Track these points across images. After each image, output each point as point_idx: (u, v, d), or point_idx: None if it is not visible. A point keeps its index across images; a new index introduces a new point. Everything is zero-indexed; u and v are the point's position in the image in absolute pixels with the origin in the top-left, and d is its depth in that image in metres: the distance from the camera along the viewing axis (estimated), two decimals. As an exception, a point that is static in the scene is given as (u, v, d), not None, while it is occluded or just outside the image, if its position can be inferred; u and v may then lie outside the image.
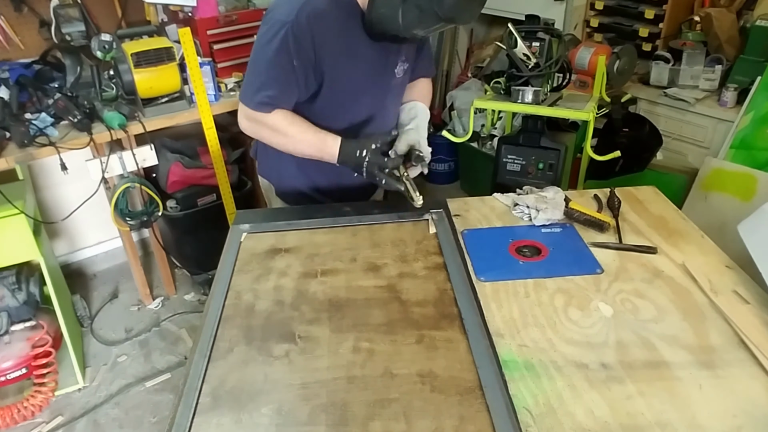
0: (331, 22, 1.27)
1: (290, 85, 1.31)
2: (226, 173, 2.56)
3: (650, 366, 0.98)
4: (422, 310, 1.11)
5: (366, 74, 1.38)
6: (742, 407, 0.90)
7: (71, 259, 3.01)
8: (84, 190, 2.19)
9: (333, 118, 1.42)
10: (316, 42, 1.26)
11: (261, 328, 1.09)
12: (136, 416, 2.17)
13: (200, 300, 2.79)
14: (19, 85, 2.22)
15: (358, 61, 1.35)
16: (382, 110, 1.50)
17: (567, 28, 2.96)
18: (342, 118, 1.43)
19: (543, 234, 1.37)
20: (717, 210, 2.25)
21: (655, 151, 2.51)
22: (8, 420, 2.08)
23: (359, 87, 1.40)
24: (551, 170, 2.26)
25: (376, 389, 0.94)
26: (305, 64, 1.28)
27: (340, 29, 1.29)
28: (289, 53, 1.26)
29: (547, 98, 2.20)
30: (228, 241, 1.36)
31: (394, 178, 1.34)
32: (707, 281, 1.17)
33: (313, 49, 1.27)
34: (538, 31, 2.03)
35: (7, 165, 2.01)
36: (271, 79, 1.30)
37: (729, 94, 2.41)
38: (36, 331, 2.16)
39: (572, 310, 1.12)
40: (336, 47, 1.30)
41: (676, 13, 2.71)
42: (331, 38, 1.28)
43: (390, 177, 1.33)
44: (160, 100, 2.30)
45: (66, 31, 2.44)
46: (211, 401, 0.93)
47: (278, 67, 1.28)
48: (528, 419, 0.89)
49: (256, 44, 1.32)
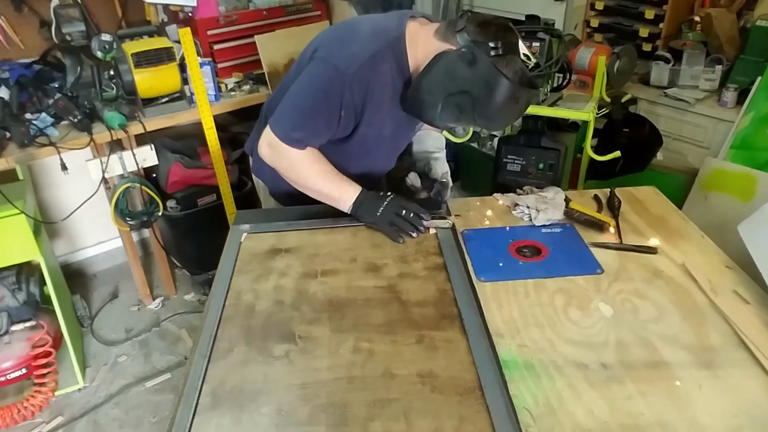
0: (386, 80, 1.26)
1: (328, 129, 1.30)
2: (226, 173, 2.56)
3: (650, 366, 0.98)
4: (422, 310, 1.11)
5: (394, 129, 1.40)
6: (742, 407, 0.90)
7: (71, 259, 3.01)
8: (84, 190, 2.19)
9: (354, 158, 1.43)
10: (367, 97, 1.25)
11: (261, 328, 1.09)
12: (136, 416, 2.17)
13: (200, 300, 2.79)
14: (20, 85, 2.22)
15: (391, 117, 1.35)
16: (398, 150, 1.55)
17: (567, 29, 2.96)
18: (361, 163, 1.45)
19: (543, 234, 1.37)
20: (717, 210, 2.24)
21: (655, 151, 2.50)
22: (8, 420, 2.08)
23: (385, 139, 1.41)
24: (551, 170, 2.26)
25: (376, 389, 0.94)
26: (349, 115, 1.27)
27: (391, 87, 1.29)
28: (339, 105, 1.24)
29: (547, 98, 2.20)
30: (228, 241, 1.36)
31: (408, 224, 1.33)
32: (707, 281, 1.17)
33: (363, 103, 1.26)
34: (538, 31, 2.04)
35: (8, 165, 2.02)
36: (313, 123, 1.28)
37: (729, 95, 2.41)
38: (36, 331, 2.16)
39: (572, 310, 1.12)
40: (380, 101, 1.29)
41: (676, 13, 2.71)
42: (380, 93, 1.27)
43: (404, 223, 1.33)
44: (160, 100, 2.30)
45: (66, 31, 2.44)
46: (211, 401, 0.93)
47: (324, 114, 1.26)
48: (528, 419, 0.88)
49: (307, 82, 1.28)
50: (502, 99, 1.15)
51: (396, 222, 1.32)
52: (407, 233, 1.32)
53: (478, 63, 1.14)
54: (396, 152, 1.57)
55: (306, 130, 1.28)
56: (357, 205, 1.34)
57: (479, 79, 1.15)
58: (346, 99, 1.23)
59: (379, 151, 1.47)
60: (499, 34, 1.15)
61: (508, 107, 1.18)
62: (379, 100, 1.28)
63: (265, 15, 2.59)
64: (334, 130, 1.30)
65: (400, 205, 1.34)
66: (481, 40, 1.15)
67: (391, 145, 1.50)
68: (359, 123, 1.31)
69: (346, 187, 1.35)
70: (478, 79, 1.15)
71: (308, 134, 1.29)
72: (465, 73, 1.16)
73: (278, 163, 1.36)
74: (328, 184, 1.35)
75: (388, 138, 1.42)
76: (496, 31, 1.16)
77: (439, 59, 1.19)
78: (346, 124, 1.30)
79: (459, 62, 1.16)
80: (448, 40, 1.20)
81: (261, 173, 1.62)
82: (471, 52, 1.15)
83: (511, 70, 1.15)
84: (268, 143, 1.33)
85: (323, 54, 1.27)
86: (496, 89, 1.14)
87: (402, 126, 1.42)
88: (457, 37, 1.18)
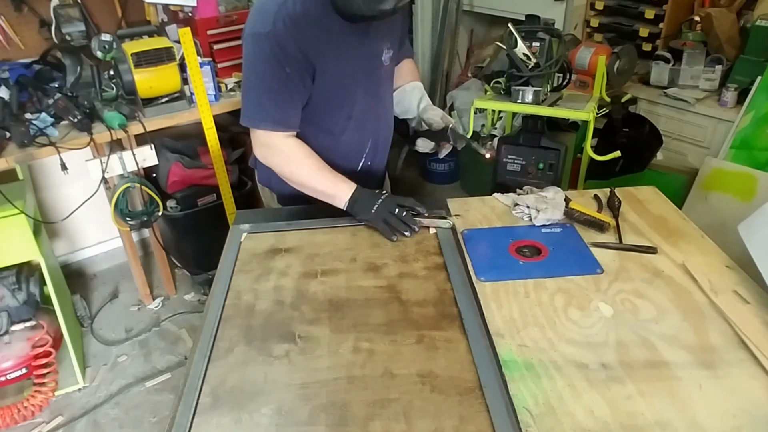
0: (308, 21, 1.25)
1: (290, 93, 1.30)
2: (226, 173, 2.56)
3: (650, 366, 0.98)
4: (422, 310, 1.11)
5: (354, 65, 1.37)
6: (742, 407, 0.90)
7: (71, 259, 3.01)
8: (84, 190, 2.19)
9: (331, 115, 1.42)
10: (299, 44, 1.24)
11: (261, 328, 1.09)
12: (136, 416, 2.17)
13: (200, 300, 2.79)
14: (19, 85, 2.22)
15: (343, 52, 1.33)
16: (377, 101, 1.49)
17: (567, 28, 2.96)
18: (339, 113, 1.43)
19: (543, 234, 1.37)
20: (717, 210, 2.24)
21: (655, 151, 2.51)
22: (8, 420, 2.08)
23: (349, 79, 1.38)
24: (551, 170, 2.26)
25: (376, 389, 0.94)
26: (297, 67, 1.27)
27: (318, 26, 1.27)
28: (279, 62, 1.24)
29: (547, 98, 2.19)
30: (228, 241, 1.36)
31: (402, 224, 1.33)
32: (707, 281, 1.17)
33: (300, 51, 1.25)
34: (538, 31, 2.03)
35: (7, 165, 2.01)
36: (273, 95, 1.29)
37: (729, 94, 2.41)
38: (36, 331, 2.16)
39: (572, 310, 1.12)
40: (319, 44, 1.28)
41: (676, 13, 2.71)
42: (312, 36, 1.26)
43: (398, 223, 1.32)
44: (160, 100, 2.30)
45: (66, 31, 2.44)
46: (211, 401, 0.93)
47: (273, 78, 1.27)
48: (528, 419, 0.88)
49: (245, 66, 1.30)
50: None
51: (390, 221, 1.32)
52: (401, 232, 1.33)
53: None
54: (376, 90, 1.48)
55: (273, 106, 1.29)
56: (352, 201, 1.34)
57: None
58: (281, 55, 1.23)
59: (356, 91, 1.41)
60: None
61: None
62: (315, 40, 1.26)
63: (265, 15, 2.59)
64: (298, 91, 1.30)
65: (395, 203, 1.34)
66: None
67: (366, 84, 1.43)
68: (315, 71, 1.29)
69: (341, 184, 1.35)
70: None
71: (277, 109, 1.30)
72: None
73: (273, 160, 1.38)
74: (323, 180, 1.35)
75: (356, 73, 1.38)
76: None
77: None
78: (302, 79, 1.29)
79: None
80: None
81: (267, 181, 1.61)
82: None
83: None
84: (258, 142, 1.35)
85: (244, 33, 1.28)
86: None
87: (363, 56, 1.38)
88: None
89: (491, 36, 3.79)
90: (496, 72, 2.26)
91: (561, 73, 2.34)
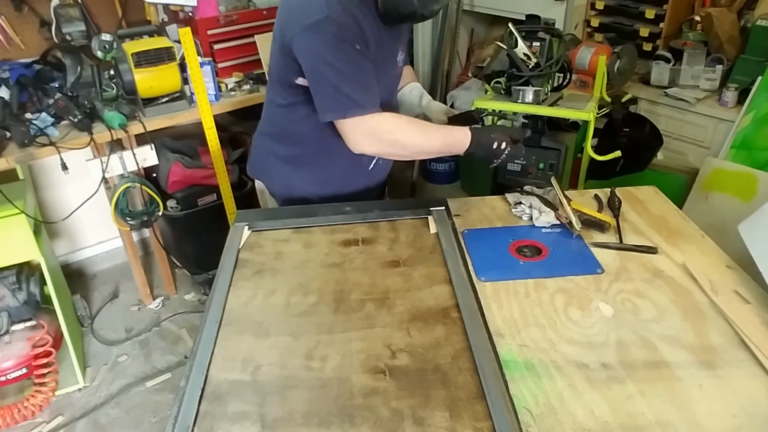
0: (354, 9, 1.22)
1: (367, 70, 1.24)
2: (226, 173, 2.56)
3: (651, 366, 0.98)
4: (422, 309, 1.11)
5: (379, 62, 1.33)
6: (743, 407, 0.90)
7: (71, 259, 3.01)
8: (84, 190, 2.19)
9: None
10: (357, 21, 1.21)
11: (262, 328, 1.08)
12: (136, 416, 2.17)
13: (201, 300, 2.79)
14: (20, 84, 2.22)
15: (374, 47, 1.29)
16: (391, 100, 1.49)
17: (567, 28, 2.96)
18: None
19: (543, 234, 1.37)
20: (717, 210, 2.24)
21: (655, 151, 2.50)
22: (8, 420, 2.08)
23: (380, 71, 1.34)
24: (552, 170, 2.25)
25: (376, 390, 0.94)
26: (363, 44, 1.22)
27: (362, 15, 1.24)
28: (346, 42, 1.19)
29: (547, 98, 2.19)
30: (228, 241, 1.36)
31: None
32: (708, 281, 1.17)
33: (360, 28, 1.21)
34: (538, 30, 2.03)
35: (8, 165, 2.01)
36: (348, 79, 1.21)
37: (730, 94, 2.41)
38: (36, 330, 2.16)
39: (573, 310, 1.12)
40: (365, 20, 1.24)
41: (677, 12, 2.71)
42: (358, 13, 1.23)
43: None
44: (160, 99, 2.30)
45: (66, 31, 2.44)
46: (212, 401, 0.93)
47: (345, 63, 1.20)
48: (528, 419, 0.88)
49: (311, 59, 1.22)
50: None
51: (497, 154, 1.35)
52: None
53: None
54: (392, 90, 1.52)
55: (354, 91, 1.22)
56: (474, 145, 1.33)
57: None
58: (348, 33, 1.18)
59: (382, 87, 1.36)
60: None
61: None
62: (364, 20, 1.23)
63: (266, 15, 2.59)
64: (372, 68, 1.25)
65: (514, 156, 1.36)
66: None
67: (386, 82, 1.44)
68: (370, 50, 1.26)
69: (455, 131, 1.33)
70: None
71: (360, 92, 1.22)
72: None
73: (381, 148, 1.32)
74: (437, 133, 1.32)
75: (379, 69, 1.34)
76: None
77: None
78: (369, 56, 1.24)
79: None
80: None
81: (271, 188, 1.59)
82: None
83: None
84: (364, 133, 1.27)
85: (298, 27, 1.20)
86: None
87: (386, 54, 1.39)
88: None
89: (491, 36, 3.79)
90: (497, 72, 2.26)
91: (561, 73, 2.33)
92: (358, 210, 1.44)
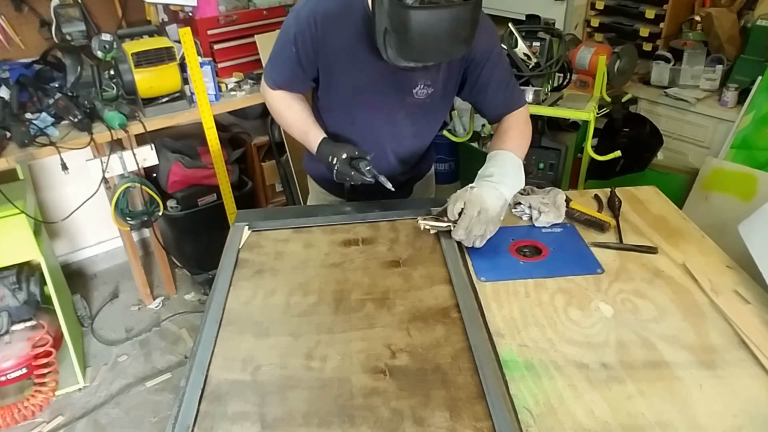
0: (340, 25, 1.29)
1: (293, 69, 1.39)
2: (226, 173, 2.56)
3: (651, 366, 0.98)
4: (422, 309, 1.11)
5: (368, 81, 1.37)
6: (743, 407, 0.90)
7: (71, 258, 3.01)
8: (84, 190, 2.19)
9: (337, 113, 1.48)
10: (317, 41, 1.31)
11: (262, 328, 1.08)
12: (136, 416, 2.17)
13: (200, 300, 2.79)
14: (20, 84, 2.22)
15: (359, 65, 1.34)
16: (392, 123, 1.46)
17: (567, 28, 2.96)
18: (344, 116, 1.46)
19: (543, 234, 1.36)
20: (717, 210, 2.24)
21: (655, 151, 2.51)
22: (8, 420, 2.08)
23: (360, 91, 1.40)
24: (552, 170, 2.26)
25: (375, 390, 0.94)
26: (306, 55, 1.35)
27: (348, 32, 1.29)
28: (292, 41, 1.33)
29: (547, 98, 2.20)
30: (228, 241, 1.36)
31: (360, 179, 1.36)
32: (708, 281, 1.17)
33: (312, 46, 1.32)
34: (538, 30, 2.04)
35: (8, 165, 2.02)
36: (279, 61, 1.42)
37: (729, 94, 2.41)
38: (36, 330, 2.16)
39: (573, 310, 1.12)
40: (338, 48, 1.32)
41: (677, 12, 2.72)
42: (335, 40, 1.30)
43: (357, 178, 1.35)
44: (160, 99, 2.30)
45: (66, 31, 2.44)
46: (212, 401, 0.93)
47: (284, 52, 1.38)
48: (528, 419, 0.88)
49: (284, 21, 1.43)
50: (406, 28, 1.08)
51: (347, 180, 1.38)
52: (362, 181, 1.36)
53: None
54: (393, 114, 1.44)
55: (274, 68, 1.44)
56: (318, 155, 1.41)
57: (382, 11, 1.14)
58: (298, 35, 1.32)
59: (365, 104, 1.42)
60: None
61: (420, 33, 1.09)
62: (337, 44, 1.31)
63: (266, 14, 2.59)
64: (302, 71, 1.38)
65: (346, 175, 1.36)
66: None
67: (381, 103, 1.41)
68: (322, 68, 1.38)
69: (310, 134, 1.43)
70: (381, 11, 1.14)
71: (277, 72, 1.44)
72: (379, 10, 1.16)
73: (266, 101, 1.53)
74: (300, 125, 1.46)
75: (369, 89, 1.38)
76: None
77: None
78: (308, 65, 1.37)
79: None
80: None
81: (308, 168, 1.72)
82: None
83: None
84: (262, 87, 1.52)
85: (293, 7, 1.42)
86: (396, 19, 1.09)
87: (386, 77, 1.35)
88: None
89: (491, 36, 3.79)
90: (497, 72, 2.25)
91: (561, 73, 2.34)
92: (358, 210, 1.44)
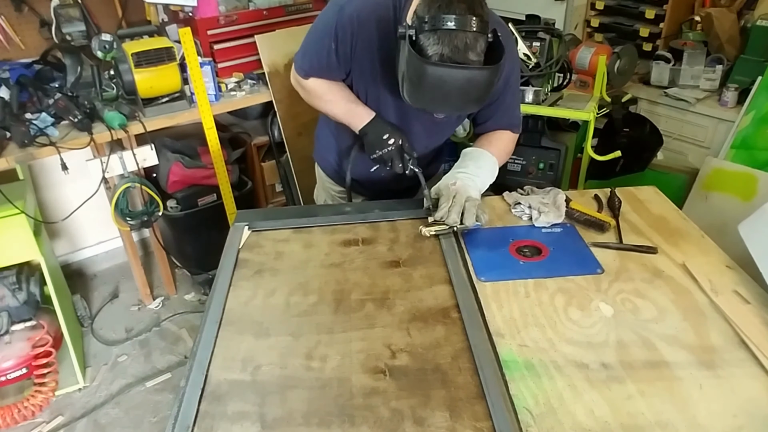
0: (371, 30, 1.30)
1: (328, 61, 1.37)
2: (226, 173, 2.56)
3: (651, 366, 0.98)
4: (422, 310, 1.11)
5: (387, 97, 1.40)
6: (743, 407, 0.90)
7: (71, 259, 3.01)
8: (84, 190, 2.19)
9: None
10: (356, 41, 1.31)
11: (262, 328, 1.08)
12: (136, 416, 2.17)
13: (200, 300, 2.79)
14: (20, 84, 2.22)
15: (381, 80, 1.37)
16: (407, 134, 1.45)
17: (567, 28, 2.97)
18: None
19: (543, 234, 1.36)
20: (717, 210, 2.25)
21: (655, 151, 2.51)
22: (8, 420, 2.08)
23: (381, 96, 1.41)
24: (552, 170, 2.26)
25: (376, 389, 0.94)
26: (344, 51, 1.34)
27: (379, 39, 1.30)
28: (330, 35, 1.33)
29: (547, 98, 2.20)
30: (228, 241, 1.36)
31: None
32: (708, 281, 1.17)
33: (350, 44, 1.32)
34: (538, 30, 2.04)
35: (8, 165, 2.01)
36: (313, 51, 1.40)
37: (729, 94, 2.41)
38: (36, 330, 2.16)
39: (572, 310, 1.12)
40: (365, 58, 1.34)
41: (677, 13, 2.72)
42: (366, 49, 1.32)
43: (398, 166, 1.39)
44: (160, 100, 2.30)
45: (66, 31, 2.44)
46: (212, 401, 0.93)
47: (321, 42, 1.37)
48: (528, 419, 0.88)
49: (317, 19, 1.41)
50: (420, 79, 1.10)
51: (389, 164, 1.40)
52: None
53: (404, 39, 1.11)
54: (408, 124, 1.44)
55: (309, 59, 1.42)
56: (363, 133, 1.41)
57: (403, 55, 1.13)
58: (338, 30, 1.31)
59: (385, 109, 1.43)
60: (435, 6, 1.07)
61: (432, 86, 1.11)
62: (368, 47, 1.32)
63: (266, 15, 2.58)
64: (333, 61, 1.36)
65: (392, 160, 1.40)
66: (419, 12, 1.11)
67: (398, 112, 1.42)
68: (353, 67, 1.37)
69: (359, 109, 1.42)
70: (403, 54, 1.13)
71: (311, 63, 1.42)
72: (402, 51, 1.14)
73: (301, 92, 1.52)
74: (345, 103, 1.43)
75: (389, 98, 1.39)
76: (438, 3, 1.07)
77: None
78: (339, 61, 1.36)
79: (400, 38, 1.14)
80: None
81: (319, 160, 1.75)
82: (404, 26, 1.12)
83: (437, 47, 1.07)
84: (292, 73, 1.50)
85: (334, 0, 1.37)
86: (412, 67, 1.10)
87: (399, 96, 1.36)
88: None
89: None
90: (497, 72, 2.26)
91: (561, 73, 2.34)
92: (358, 210, 1.44)
